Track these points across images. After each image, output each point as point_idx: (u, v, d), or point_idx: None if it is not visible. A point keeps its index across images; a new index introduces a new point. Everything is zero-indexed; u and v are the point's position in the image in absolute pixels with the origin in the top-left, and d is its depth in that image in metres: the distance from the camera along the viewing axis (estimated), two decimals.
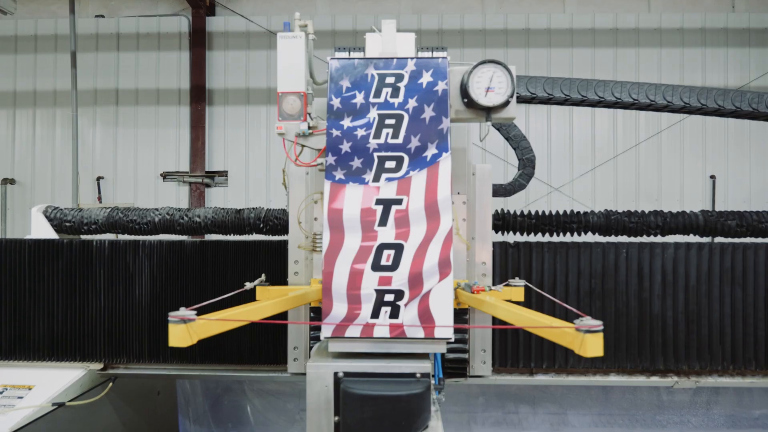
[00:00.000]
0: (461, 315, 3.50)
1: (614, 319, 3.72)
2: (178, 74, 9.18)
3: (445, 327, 2.66)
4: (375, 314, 2.69)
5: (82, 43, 9.00)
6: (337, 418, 2.64)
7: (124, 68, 9.22)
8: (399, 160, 2.84)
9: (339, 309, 2.70)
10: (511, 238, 4.01)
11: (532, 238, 4.00)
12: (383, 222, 2.77)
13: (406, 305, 2.69)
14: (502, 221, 4.01)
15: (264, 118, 9.15)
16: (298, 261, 3.56)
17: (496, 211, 4.07)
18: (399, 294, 2.69)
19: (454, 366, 3.54)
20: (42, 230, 4.11)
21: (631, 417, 4.53)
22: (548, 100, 4.57)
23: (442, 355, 3.43)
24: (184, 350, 3.82)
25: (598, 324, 2.10)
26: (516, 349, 3.75)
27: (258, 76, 9.14)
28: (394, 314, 2.69)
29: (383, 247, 2.74)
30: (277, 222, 4.03)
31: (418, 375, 2.60)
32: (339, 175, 2.84)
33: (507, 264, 3.76)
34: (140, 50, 9.21)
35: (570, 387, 4.75)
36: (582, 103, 4.63)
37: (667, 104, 4.53)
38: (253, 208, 4.10)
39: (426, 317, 2.69)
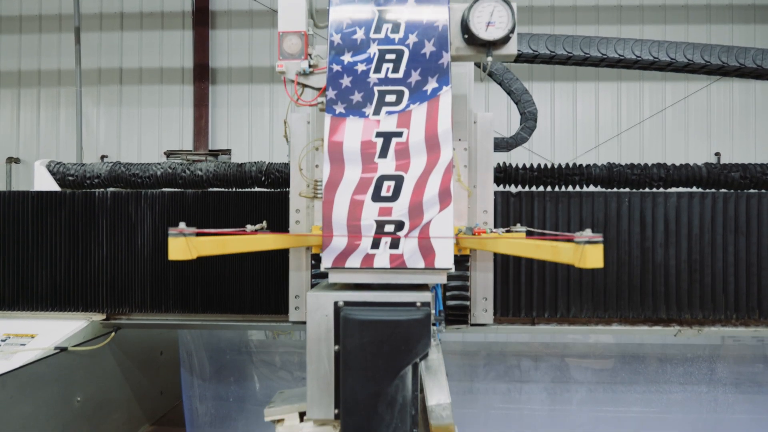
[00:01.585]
0: (463, 262, 3.50)
1: (616, 269, 3.70)
2: (181, 53, 9.20)
3: (445, 257, 2.67)
4: (375, 245, 2.69)
5: (86, 23, 9.04)
6: (337, 347, 2.64)
7: (127, 48, 9.25)
8: (399, 94, 2.84)
9: (339, 240, 2.70)
10: (513, 191, 4.00)
11: (534, 191, 3.99)
12: (383, 154, 2.76)
13: (406, 236, 2.69)
14: (504, 174, 4.00)
15: (267, 97, 9.16)
16: (300, 210, 3.57)
17: (498, 164, 4.06)
18: (399, 225, 2.69)
19: (455, 313, 3.53)
20: (45, 184, 4.13)
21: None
22: (551, 59, 4.55)
23: (444, 298, 3.44)
24: (186, 300, 3.84)
25: (598, 236, 2.09)
26: (517, 299, 3.74)
27: (261, 55, 9.15)
28: (395, 245, 2.69)
29: (383, 178, 2.73)
30: (279, 175, 4.04)
31: (418, 304, 2.60)
32: (339, 108, 2.84)
33: (508, 213, 3.75)
34: (144, 29, 9.24)
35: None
36: (585, 61, 4.61)
37: (670, 61, 4.50)
38: (255, 162, 4.11)
39: (426, 248, 2.69)
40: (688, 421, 4.30)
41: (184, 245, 2.16)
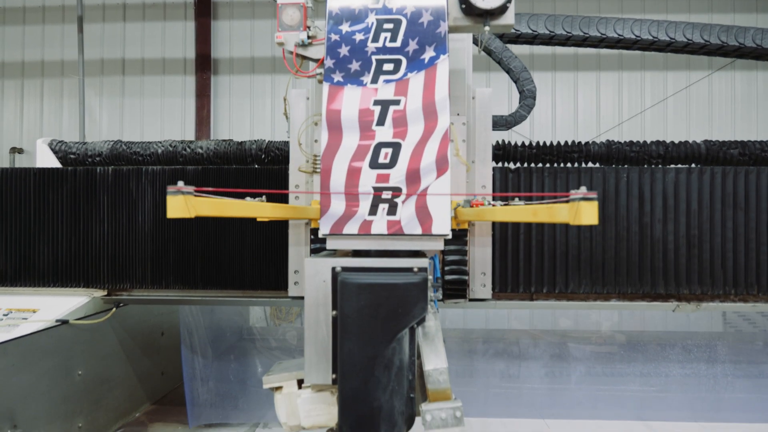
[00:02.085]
0: (461, 237, 3.51)
1: (614, 244, 3.71)
2: (183, 44, 9.23)
3: (442, 223, 2.68)
4: (373, 211, 2.71)
5: (89, 14, 9.08)
6: (334, 313, 2.65)
7: (130, 38, 9.28)
8: (397, 63, 2.86)
9: (337, 206, 2.72)
10: (511, 167, 4.01)
11: (532, 166, 4.00)
12: (381, 122, 2.78)
13: (403, 202, 2.71)
14: (503, 151, 4.01)
15: (269, 88, 9.18)
16: (299, 185, 3.59)
17: (497, 141, 4.07)
18: (397, 191, 2.71)
19: (454, 288, 3.54)
20: (47, 162, 4.16)
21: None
22: (550, 39, 4.56)
23: (442, 269, 3.45)
24: (187, 276, 3.86)
25: (592, 193, 2.10)
26: (516, 274, 3.75)
27: (263, 46, 9.17)
28: (392, 211, 2.71)
29: (381, 145, 2.75)
30: (279, 153, 4.06)
31: (415, 269, 2.61)
32: (337, 77, 2.86)
33: (507, 189, 3.76)
34: (146, 20, 9.27)
35: None
36: (585, 42, 4.62)
37: (669, 41, 4.51)
38: (255, 140, 4.13)
39: (423, 214, 2.71)
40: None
41: (183, 203, 2.17)
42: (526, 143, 4.06)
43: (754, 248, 3.69)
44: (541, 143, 4.05)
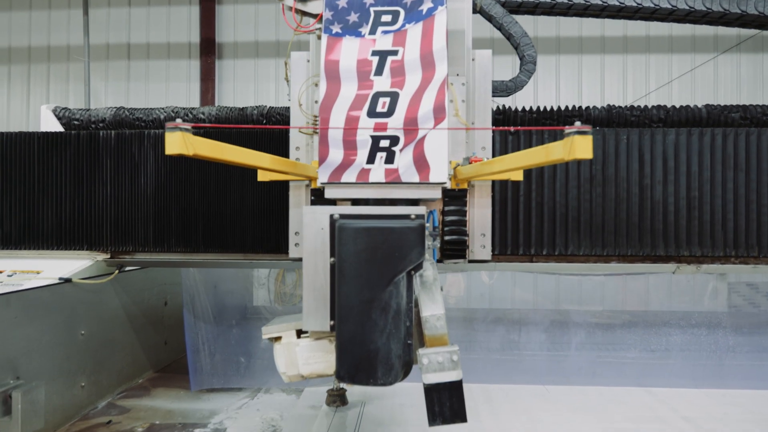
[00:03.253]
0: (461, 197, 3.52)
1: (614, 206, 3.71)
2: (188, 28, 9.27)
3: (439, 171, 2.70)
4: (371, 159, 2.73)
5: None
6: (332, 260, 2.67)
7: (135, 23, 9.33)
8: (395, 14, 2.87)
9: (335, 155, 2.74)
10: (511, 129, 4.01)
11: (532, 129, 3.99)
12: (379, 72, 2.80)
13: (401, 151, 2.73)
14: (504, 116, 4.01)
15: (273, 72, 9.21)
16: (299, 147, 3.60)
17: (498, 106, 4.08)
18: (394, 140, 2.73)
19: (453, 248, 3.54)
20: (51, 128, 4.19)
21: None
22: (552, 8, 4.56)
23: (441, 234, 3.45)
24: (189, 238, 3.89)
25: (587, 126, 2.10)
26: (516, 236, 3.76)
27: (267, 30, 9.20)
28: (390, 159, 2.72)
29: (379, 95, 2.77)
30: (280, 118, 4.08)
31: (412, 216, 2.62)
32: (336, 29, 2.88)
33: (507, 151, 3.77)
34: (151, 5, 9.32)
35: None
36: (586, 11, 4.61)
37: (672, 9, 4.50)
38: (257, 106, 4.15)
39: (421, 162, 2.72)
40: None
41: (181, 140, 2.18)
42: (526, 108, 4.06)
43: (755, 210, 3.68)
44: (541, 108, 4.05)
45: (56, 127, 4.19)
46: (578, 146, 2.12)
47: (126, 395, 4.09)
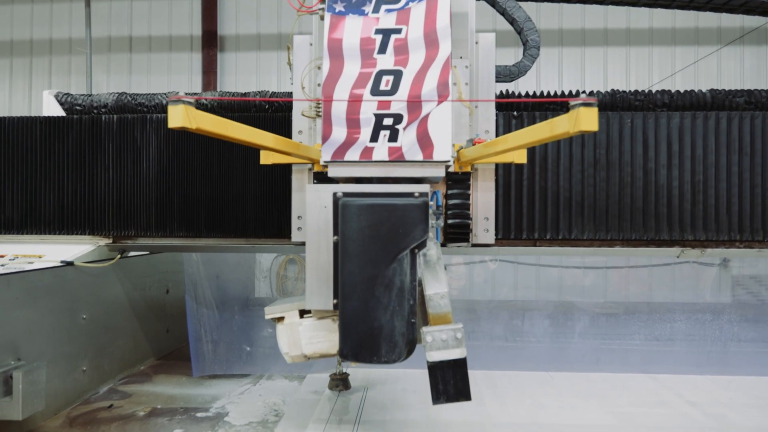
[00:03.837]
0: (464, 181, 3.50)
1: (618, 190, 3.69)
2: (190, 21, 9.27)
3: (443, 149, 2.68)
4: (374, 138, 2.71)
5: None
6: (335, 238, 2.66)
7: (137, 16, 9.33)
8: None
9: (338, 133, 2.73)
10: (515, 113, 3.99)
11: (536, 112, 3.97)
12: (382, 50, 2.79)
13: (404, 129, 2.71)
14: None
15: (275, 65, 9.21)
16: (302, 131, 3.59)
17: (500, 90, 4.06)
18: (398, 118, 2.71)
19: (457, 231, 3.53)
20: (53, 113, 4.18)
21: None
22: None
23: (445, 217, 3.43)
24: (191, 223, 3.88)
25: (592, 98, 2.08)
26: (519, 220, 3.74)
27: (269, 23, 9.19)
28: (393, 137, 2.71)
29: (382, 73, 2.75)
30: (283, 103, 4.06)
31: (416, 194, 2.61)
32: (339, 7, 2.86)
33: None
34: None
35: None
36: None
37: None
38: (259, 91, 4.14)
39: (425, 140, 2.71)
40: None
41: (184, 113, 2.17)
42: (530, 92, 4.04)
43: (760, 194, 3.66)
44: (545, 92, 4.03)
45: (58, 112, 4.18)
46: (584, 118, 2.10)
47: (127, 381, 4.09)
